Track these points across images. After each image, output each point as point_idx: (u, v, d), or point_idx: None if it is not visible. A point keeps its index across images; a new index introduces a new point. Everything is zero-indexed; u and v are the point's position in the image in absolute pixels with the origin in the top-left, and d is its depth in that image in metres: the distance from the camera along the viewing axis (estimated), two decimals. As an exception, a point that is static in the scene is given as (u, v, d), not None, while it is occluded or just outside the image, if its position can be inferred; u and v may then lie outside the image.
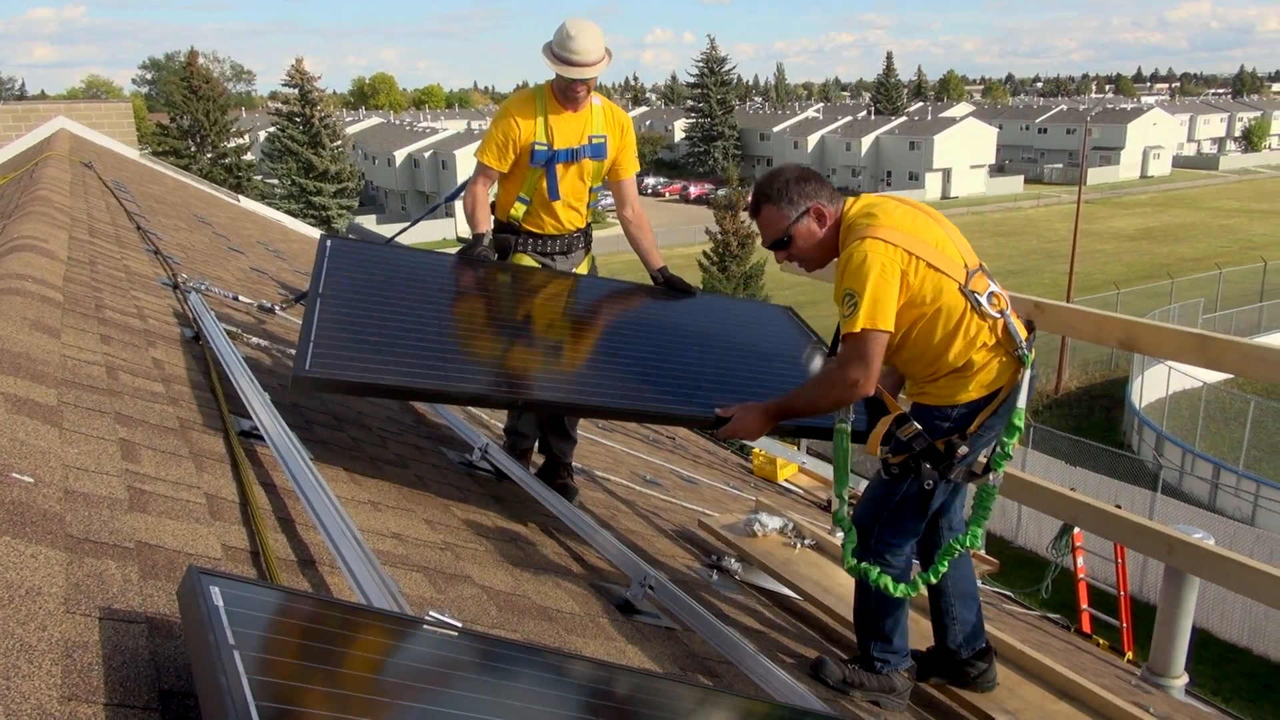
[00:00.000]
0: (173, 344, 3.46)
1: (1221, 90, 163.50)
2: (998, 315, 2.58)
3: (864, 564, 2.72)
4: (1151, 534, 3.14)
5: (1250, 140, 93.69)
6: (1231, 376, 22.37)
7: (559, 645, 2.15)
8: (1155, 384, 23.20)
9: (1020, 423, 2.63)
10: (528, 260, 3.88)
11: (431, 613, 1.49)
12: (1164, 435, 21.03)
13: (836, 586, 3.56)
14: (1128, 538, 3.23)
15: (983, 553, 5.20)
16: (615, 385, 3.07)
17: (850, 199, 2.73)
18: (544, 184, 3.75)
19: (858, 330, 2.51)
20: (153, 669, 1.31)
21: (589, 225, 4.02)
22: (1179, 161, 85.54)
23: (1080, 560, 9.25)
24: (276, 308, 5.07)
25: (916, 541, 2.89)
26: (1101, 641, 7.11)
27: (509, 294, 3.79)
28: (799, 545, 3.88)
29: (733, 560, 3.81)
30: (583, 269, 4.01)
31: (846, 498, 2.80)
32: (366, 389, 2.84)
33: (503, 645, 1.60)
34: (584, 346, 3.47)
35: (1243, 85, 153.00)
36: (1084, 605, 8.77)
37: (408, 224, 5.49)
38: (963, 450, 2.62)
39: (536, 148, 3.68)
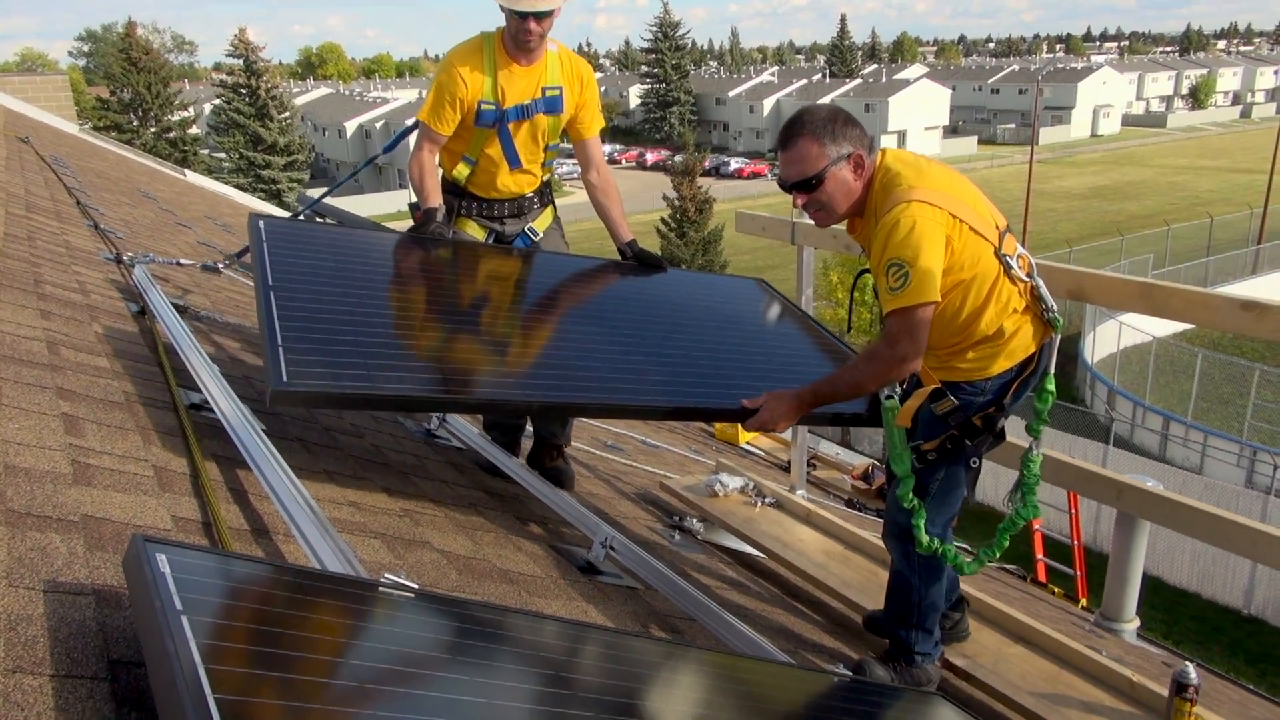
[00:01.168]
0: (117, 318, 3.38)
1: (1169, 49, 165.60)
2: (1027, 278, 2.46)
3: (937, 542, 2.54)
4: (1100, 480, 3.20)
5: (1197, 98, 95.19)
6: (1180, 330, 22.97)
7: (520, 607, 2.15)
8: (1106, 339, 23.66)
9: (1053, 387, 2.53)
10: (472, 226, 3.56)
11: (387, 575, 1.48)
12: (1115, 389, 21.48)
13: (796, 542, 3.60)
14: (1078, 484, 3.29)
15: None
16: (629, 382, 2.78)
17: (879, 151, 2.51)
18: (492, 147, 3.41)
19: (914, 304, 2.32)
20: (101, 640, 1.29)
21: (545, 183, 3.64)
22: (1128, 120, 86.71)
23: (1036, 512, 9.44)
24: (220, 265, 5.03)
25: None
26: (1057, 590, 7.27)
27: (480, 280, 3.39)
28: (759, 504, 3.91)
29: (694, 520, 3.83)
30: (542, 223, 3.66)
31: (911, 473, 2.57)
32: (362, 401, 2.38)
33: (460, 605, 1.60)
34: (583, 338, 3.08)
35: (1189, 43, 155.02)
36: (1040, 556, 8.96)
37: (329, 188, 5.33)
38: (1001, 423, 2.52)
39: (483, 107, 3.30)
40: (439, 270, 3.34)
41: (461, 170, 3.46)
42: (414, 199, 3.53)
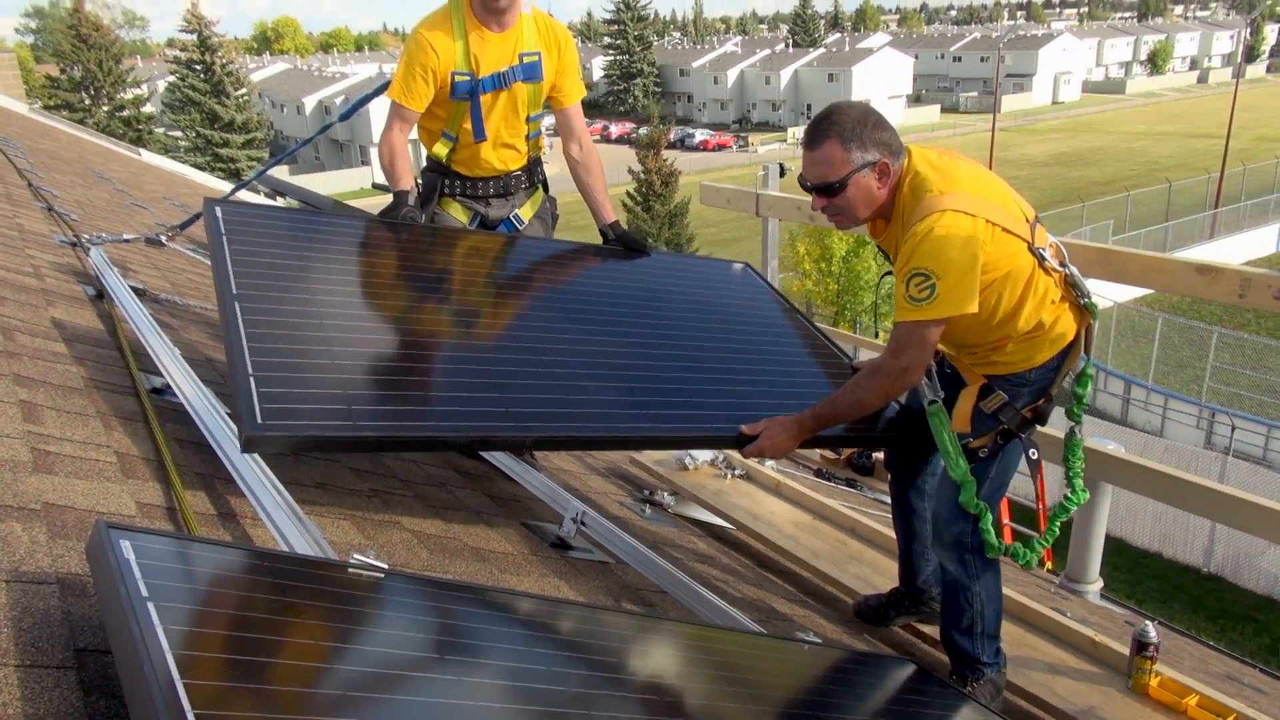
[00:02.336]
0: (74, 303, 3.31)
1: (1127, 14, 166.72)
2: (1061, 268, 2.39)
3: (1004, 543, 2.50)
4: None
5: (1155, 63, 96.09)
6: (1141, 295, 23.30)
7: (492, 584, 2.15)
8: (1069, 305, 23.93)
9: (1091, 371, 2.51)
10: (456, 207, 3.40)
11: (356, 555, 1.47)
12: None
13: (766, 514, 3.64)
14: (1042, 449, 3.34)
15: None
16: (635, 406, 2.55)
17: (906, 152, 2.38)
18: (469, 122, 3.22)
19: (932, 319, 2.25)
20: (66, 628, 1.28)
21: (535, 160, 3.48)
22: (1088, 86, 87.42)
23: (1001, 477, 9.59)
24: (162, 238, 4.98)
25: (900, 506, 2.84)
26: (1022, 553, 7.40)
27: (464, 282, 3.06)
28: (729, 476, 3.94)
29: (665, 494, 3.85)
30: (528, 210, 3.49)
31: (970, 477, 2.47)
32: (350, 444, 2.12)
33: (431, 584, 1.60)
34: (584, 355, 2.76)
35: (1147, 8, 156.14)
36: (1005, 520, 9.10)
37: (277, 158, 5.26)
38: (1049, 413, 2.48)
39: (457, 79, 3.12)
40: (420, 269, 3.05)
41: (442, 148, 3.32)
42: (375, 180, 3.46)
